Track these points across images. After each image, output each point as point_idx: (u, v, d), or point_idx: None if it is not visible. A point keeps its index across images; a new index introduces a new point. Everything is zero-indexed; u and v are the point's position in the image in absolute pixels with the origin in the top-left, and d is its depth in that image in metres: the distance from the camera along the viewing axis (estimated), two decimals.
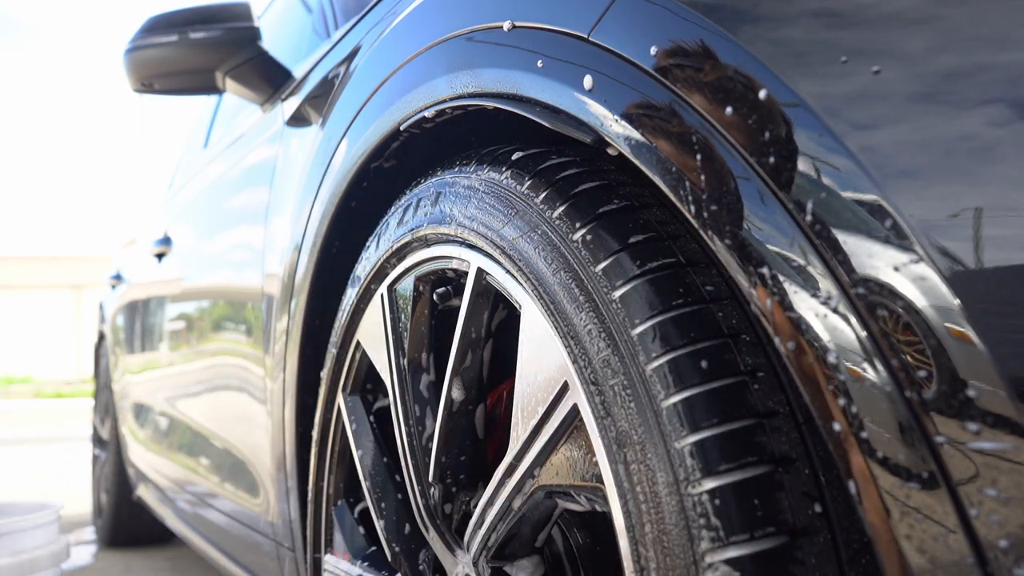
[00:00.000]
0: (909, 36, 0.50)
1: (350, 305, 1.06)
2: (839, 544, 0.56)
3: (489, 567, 0.81)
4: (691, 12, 0.60)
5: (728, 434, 0.56)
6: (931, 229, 0.46)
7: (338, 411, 1.10)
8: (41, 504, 2.31)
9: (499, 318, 0.87)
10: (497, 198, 0.78)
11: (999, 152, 0.45)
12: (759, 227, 0.54)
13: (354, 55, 1.26)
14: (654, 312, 0.61)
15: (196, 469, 2.01)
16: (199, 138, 2.90)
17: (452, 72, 0.88)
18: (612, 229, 0.66)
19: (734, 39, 0.57)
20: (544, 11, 0.75)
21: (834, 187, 0.50)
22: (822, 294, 0.50)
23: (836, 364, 0.50)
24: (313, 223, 1.20)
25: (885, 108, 0.49)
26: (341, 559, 1.10)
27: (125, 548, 3.25)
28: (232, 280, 1.75)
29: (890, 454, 0.47)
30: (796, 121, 0.52)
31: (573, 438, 0.68)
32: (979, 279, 0.45)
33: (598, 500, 0.68)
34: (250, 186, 1.70)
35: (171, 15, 1.65)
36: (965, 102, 0.47)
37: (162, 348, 2.37)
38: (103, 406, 3.54)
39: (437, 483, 0.89)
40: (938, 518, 0.46)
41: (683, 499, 0.56)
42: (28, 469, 5.69)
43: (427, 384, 0.95)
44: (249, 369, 1.53)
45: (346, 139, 1.12)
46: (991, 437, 0.44)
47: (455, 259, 0.87)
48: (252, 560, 1.63)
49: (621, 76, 0.65)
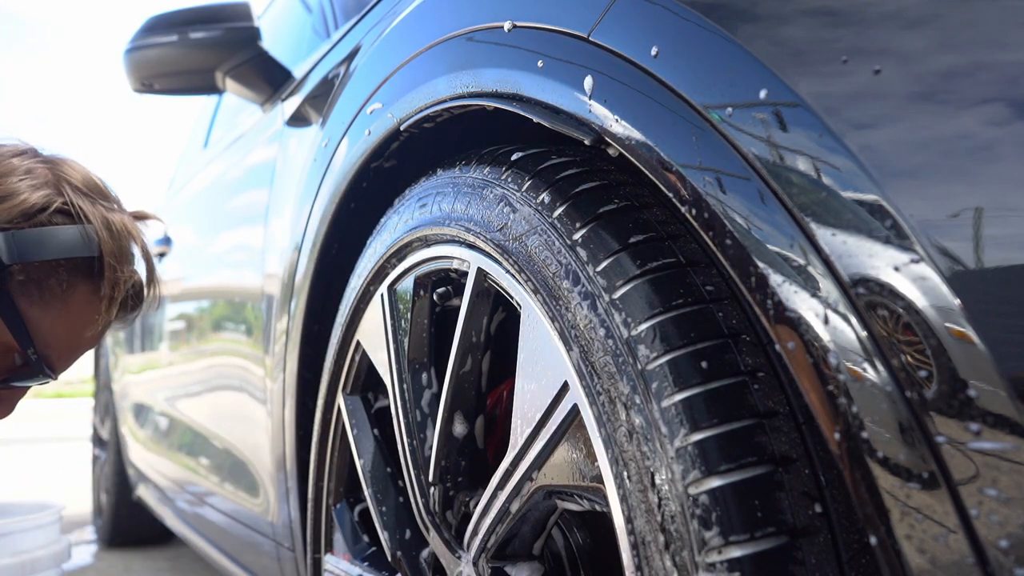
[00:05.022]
0: (909, 36, 0.50)
1: (350, 305, 1.06)
2: (839, 544, 0.55)
3: (489, 567, 0.81)
4: (691, 12, 0.60)
5: (728, 434, 0.56)
6: (931, 229, 0.46)
7: (338, 411, 1.10)
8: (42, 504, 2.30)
9: (499, 318, 0.87)
10: (497, 198, 0.78)
11: (999, 152, 0.45)
12: (759, 227, 0.54)
13: (354, 55, 1.26)
14: (654, 312, 0.61)
15: (196, 469, 2.01)
16: (199, 138, 2.90)
17: (452, 72, 0.88)
18: (612, 229, 0.66)
19: (734, 39, 0.57)
20: (544, 11, 0.75)
21: (834, 187, 0.50)
22: (822, 294, 0.50)
23: (836, 364, 0.50)
24: (313, 223, 1.20)
25: (885, 108, 0.49)
26: (341, 559, 1.10)
27: (125, 548, 3.25)
28: (232, 280, 1.75)
29: (890, 454, 0.47)
30: (796, 121, 0.52)
31: (573, 438, 0.68)
32: (979, 279, 0.45)
33: (598, 500, 0.68)
34: (250, 186, 1.70)
35: (171, 15, 1.65)
36: (965, 102, 0.46)
37: (162, 348, 2.37)
38: (103, 406, 3.54)
39: (437, 483, 0.89)
40: (938, 518, 0.46)
41: (683, 499, 0.56)
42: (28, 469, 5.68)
43: (427, 384, 0.95)
44: (249, 369, 1.52)
45: (346, 139, 1.12)
46: (991, 437, 0.44)
47: (455, 259, 0.86)
48: (252, 560, 1.63)
49: (621, 76, 0.65)
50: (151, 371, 2.53)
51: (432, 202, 0.90)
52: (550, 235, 0.70)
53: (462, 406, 0.88)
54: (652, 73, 0.62)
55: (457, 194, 0.85)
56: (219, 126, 2.59)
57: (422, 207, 0.92)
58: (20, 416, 1.26)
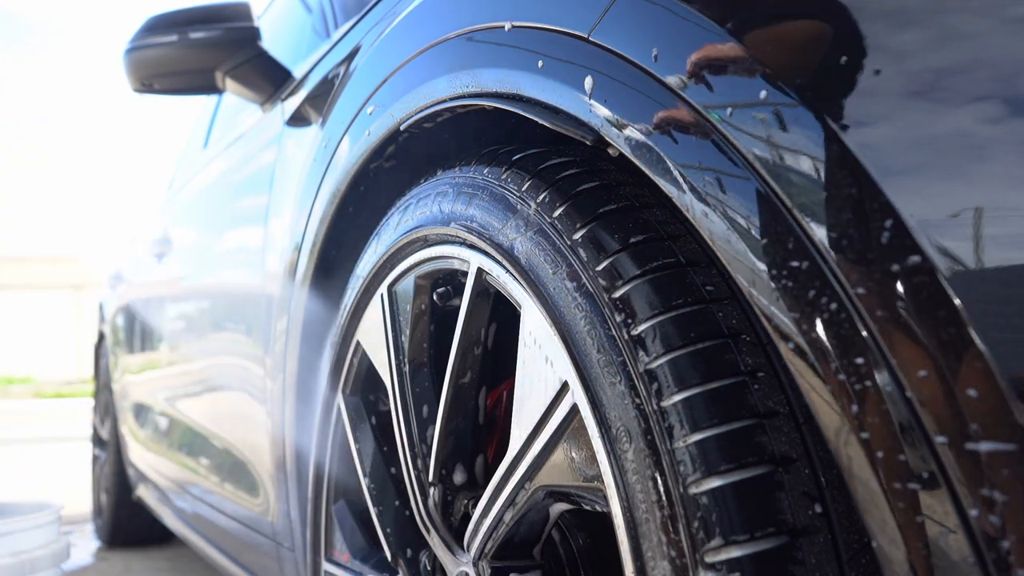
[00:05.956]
0: (910, 35, 0.50)
1: (350, 305, 1.06)
2: (839, 544, 0.55)
3: (489, 568, 0.81)
4: (691, 12, 0.60)
5: (728, 434, 0.56)
6: (931, 229, 0.46)
7: (338, 411, 1.10)
8: (41, 504, 2.30)
9: (499, 318, 0.87)
10: (497, 198, 0.78)
11: (1000, 151, 0.45)
12: (759, 227, 0.54)
13: (354, 55, 1.26)
14: (654, 312, 0.61)
15: (196, 469, 2.01)
16: (199, 138, 2.90)
17: (452, 72, 0.88)
18: (612, 229, 0.66)
19: (734, 39, 0.57)
20: (544, 11, 0.75)
21: (834, 187, 0.50)
22: (822, 294, 0.50)
23: (836, 364, 0.50)
24: (313, 223, 1.20)
25: (885, 107, 0.49)
26: (341, 559, 1.10)
27: (125, 548, 3.24)
28: (232, 280, 1.75)
29: (890, 454, 0.47)
30: (796, 121, 0.52)
31: (573, 438, 0.68)
32: (979, 279, 0.45)
33: (598, 500, 0.68)
34: (250, 186, 1.70)
35: (171, 15, 1.65)
36: (965, 101, 0.46)
37: (162, 348, 2.37)
38: (103, 406, 3.54)
39: (437, 484, 0.89)
40: (938, 518, 0.46)
41: (683, 499, 0.56)
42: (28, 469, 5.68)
43: (427, 384, 0.95)
44: (249, 369, 1.52)
45: (346, 139, 1.12)
46: (991, 437, 0.43)
47: (455, 259, 0.86)
48: (252, 560, 1.63)
49: (621, 76, 0.65)
50: (151, 371, 2.53)
51: (432, 202, 0.90)
52: (550, 235, 0.70)
53: (462, 406, 0.88)
54: (652, 73, 0.62)
55: (457, 194, 0.85)
56: (219, 126, 2.59)
57: (422, 207, 0.92)
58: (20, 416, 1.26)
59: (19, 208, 22.17)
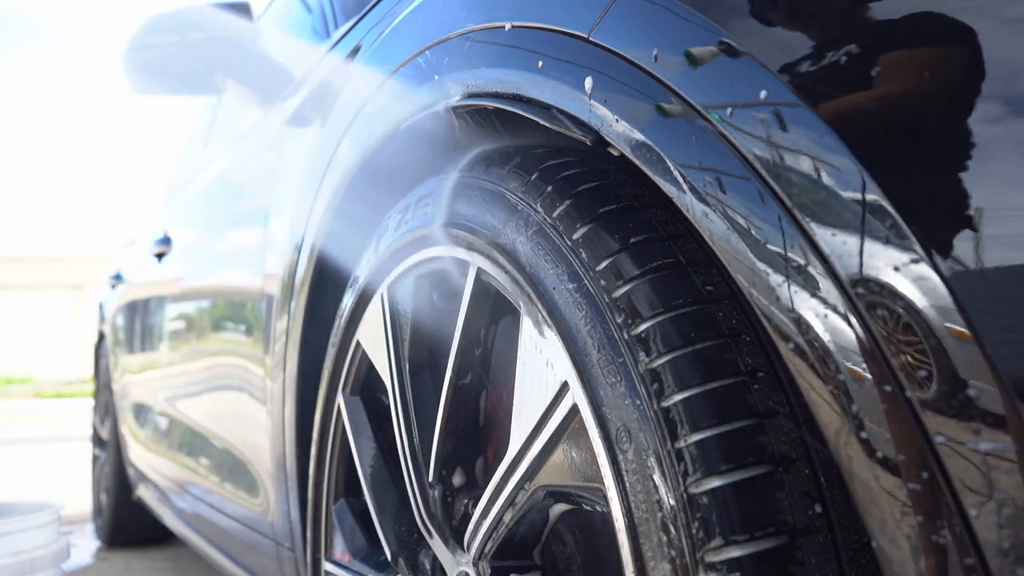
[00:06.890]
0: (910, 35, 0.50)
1: (350, 305, 1.06)
2: (839, 544, 0.55)
3: (489, 568, 0.81)
4: (691, 12, 0.60)
5: (728, 434, 0.56)
6: (931, 229, 0.46)
7: (338, 411, 1.10)
8: (41, 504, 2.30)
9: (499, 318, 0.87)
10: (497, 198, 0.78)
11: (1000, 151, 0.45)
12: (759, 227, 0.54)
13: (354, 55, 1.26)
14: (654, 312, 0.61)
15: (196, 469, 2.01)
16: (199, 138, 2.90)
17: (453, 72, 0.88)
18: (612, 229, 0.66)
19: (734, 39, 0.57)
20: (544, 11, 0.75)
21: (834, 187, 0.50)
22: (822, 294, 0.50)
23: (836, 364, 0.50)
24: (313, 223, 1.20)
25: (885, 108, 0.49)
26: (341, 559, 1.10)
27: (125, 548, 3.24)
28: (232, 280, 1.75)
29: (890, 454, 0.47)
30: (796, 121, 0.52)
31: (573, 438, 0.68)
32: (979, 279, 0.45)
33: (598, 500, 0.68)
34: (250, 186, 1.71)
35: (171, 15, 1.65)
36: (965, 101, 0.46)
37: (162, 348, 2.37)
38: (103, 406, 3.54)
39: (437, 484, 0.89)
40: (938, 518, 0.46)
41: (683, 499, 0.56)
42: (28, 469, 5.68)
43: (427, 384, 0.95)
44: (249, 369, 1.52)
45: (346, 139, 1.12)
46: (991, 437, 0.44)
47: (455, 259, 0.86)
48: (252, 560, 1.63)
49: (622, 76, 0.65)
50: (151, 371, 2.53)
51: (432, 202, 0.90)
52: (550, 235, 0.70)
53: (462, 406, 0.88)
54: (652, 73, 0.62)
55: (457, 194, 0.85)
56: (219, 126, 2.59)
57: (422, 207, 0.92)
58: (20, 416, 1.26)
59: (19, 208, 22.17)
